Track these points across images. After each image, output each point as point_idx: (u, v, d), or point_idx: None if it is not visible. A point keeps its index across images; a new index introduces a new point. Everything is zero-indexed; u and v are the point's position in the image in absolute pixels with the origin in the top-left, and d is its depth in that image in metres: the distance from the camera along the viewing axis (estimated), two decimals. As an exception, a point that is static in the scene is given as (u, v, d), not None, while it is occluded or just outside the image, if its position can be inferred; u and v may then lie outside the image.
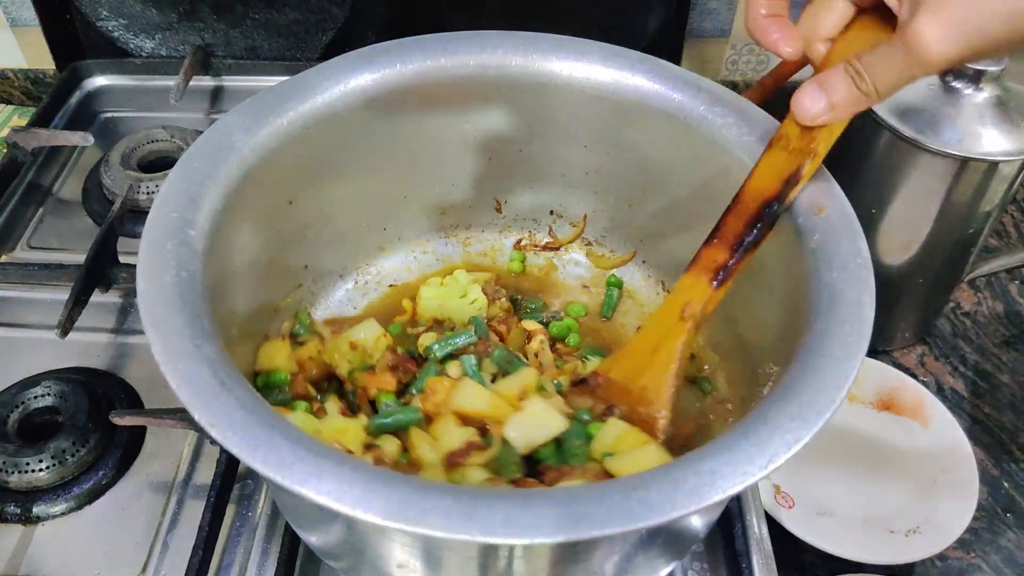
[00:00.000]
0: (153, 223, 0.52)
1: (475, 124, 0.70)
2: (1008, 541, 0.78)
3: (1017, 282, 1.01)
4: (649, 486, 0.41)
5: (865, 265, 0.52)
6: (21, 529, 0.69)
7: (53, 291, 0.85)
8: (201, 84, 1.14)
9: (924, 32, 0.46)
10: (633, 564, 0.54)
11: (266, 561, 0.64)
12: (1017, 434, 0.86)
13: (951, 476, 0.79)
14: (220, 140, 0.58)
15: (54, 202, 0.99)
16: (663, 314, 0.59)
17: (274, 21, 1.11)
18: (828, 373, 0.46)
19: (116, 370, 0.80)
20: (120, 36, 1.13)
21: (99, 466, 0.72)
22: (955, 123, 0.74)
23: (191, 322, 0.47)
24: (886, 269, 0.85)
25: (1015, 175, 0.76)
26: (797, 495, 0.77)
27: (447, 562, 0.51)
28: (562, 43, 0.67)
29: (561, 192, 0.76)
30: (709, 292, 0.57)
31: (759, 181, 0.56)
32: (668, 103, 0.64)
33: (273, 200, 0.63)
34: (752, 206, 0.56)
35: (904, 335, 0.93)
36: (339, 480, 0.40)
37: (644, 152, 0.69)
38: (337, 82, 0.63)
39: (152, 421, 0.71)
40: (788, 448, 0.43)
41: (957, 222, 0.80)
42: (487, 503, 0.40)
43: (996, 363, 0.93)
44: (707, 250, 0.57)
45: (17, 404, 0.74)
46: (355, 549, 0.55)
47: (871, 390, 0.86)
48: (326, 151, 0.65)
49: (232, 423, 0.42)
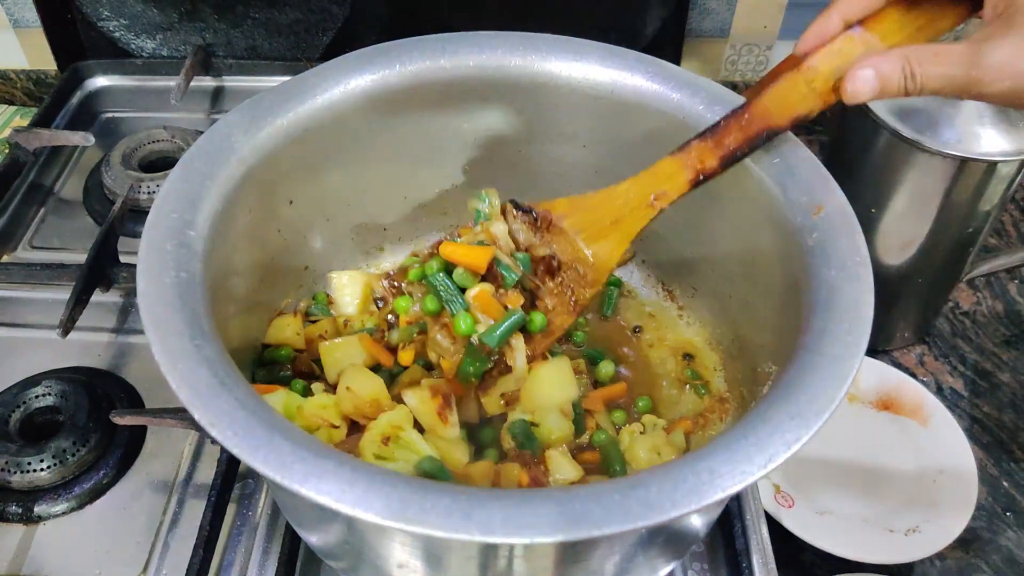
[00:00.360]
0: (153, 223, 0.52)
1: (475, 124, 0.70)
2: (1008, 540, 0.78)
3: (1016, 281, 1.01)
4: (648, 485, 0.41)
5: (864, 264, 0.52)
6: (22, 528, 0.69)
7: (54, 291, 0.85)
8: (202, 84, 1.14)
9: (1006, 55, 0.46)
10: (633, 563, 0.54)
11: (267, 561, 0.64)
12: (1017, 433, 0.86)
13: (951, 476, 0.79)
14: (220, 141, 0.58)
15: (55, 202, 1.00)
16: (635, 190, 0.59)
17: (275, 21, 1.11)
18: (827, 372, 0.46)
19: (117, 370, 0.80)
20: (121, 36, 1.13)
21: (100, 466, 0.72)
22: (954, 123, 0.74)
23: (191, 322, 0.47)
24: (886, 269, 0.85)
25: (1014, 175, 0.76)
26: (797, 495, 0.78)
27: (447, 562, 0.51)
28: (561, 43, 0.67)
29: (561, 192, 0.76)
30: (685, 189, 0.57)
31: (772, 104, 0.56)
32: (667, 103, 0.64)
33: (273, 201, 0.63)
34: (757, 126, 0.56)
35: (904, 335, 0.93)
36: (339, 480, 0.40)
37: (643, 152, 0.69)
38: (337, 82, 0.63)
39: (153, 421, 0.71)
40: (787, 448, 0.43)
41: (956, 222, 0.80)
42: (486, 503, 0.40)
43: (996, 362, 0.93)
44: (700, 145, 0.57)
45: (18, 404, 0.74)
46: (355, 549, 0.55)
47: (871, 390, 0.86)
48: (326, 151, 0.65)
49: (232, 422, 0.42)
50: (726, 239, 0.66)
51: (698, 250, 0.70)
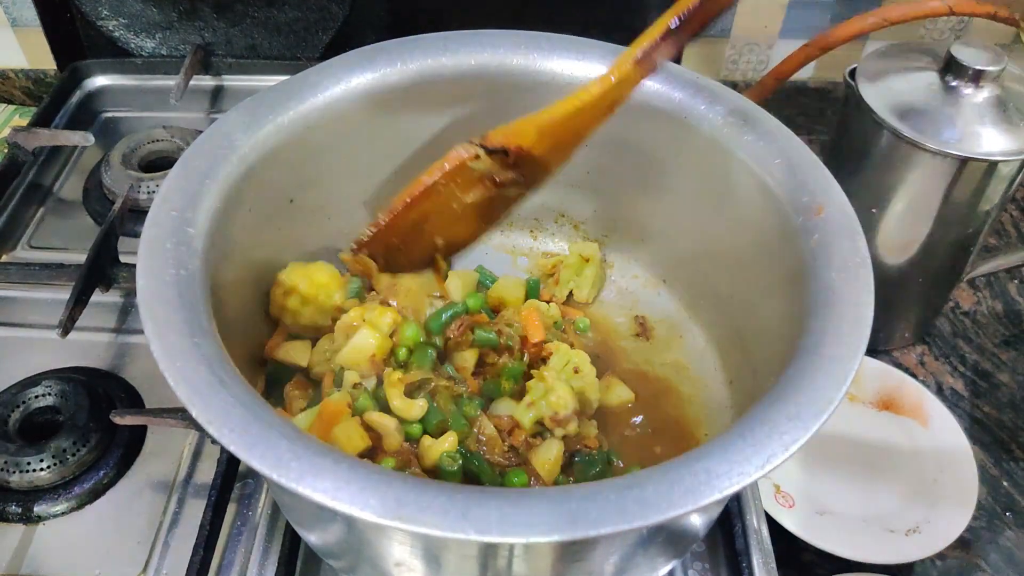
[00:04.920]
0: (153, 222, 0.52)
1: (475, 123, 0.70)
2: (1008, 540, 0.78)
3: (1016, 281, 1.01)
4: (645, 485, 0.41)
5: (864, 265, 0.52)
6: (22, 528, 0.69)
7: (54, 291, 0.85)
8: (201, 84, 1.14)
9: None
10: (633, 563, 0.54)
11: (267, 560, 0.64)
12: (1017, 433, 0.86)
13: (951, 476, 0.79)
14: (220, 139, 0.58)
15: (55, 202, 1.00)
16: (597, 101, 0.58)
17: (274, 20, 1.11)
18: (827, 373, 0.46)
19: (117, 369, 0.80)
20: (120, 36, 1.13)
21: (100, 465, 0.72)
22: (955, 123, 0.74)
23: (190, 320, 0.47)
24: (886, 269, 0.85)
25: (1014, 175, 0.76)
26: (797, 495, 0.78)
27: (445, 561, 0.51)
28: (563, 42, 0.67)
29: (562, 191, 0.76)
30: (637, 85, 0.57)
31: None
32: (669, 102, 0.64)
33: (273, 199, 0.63)
34: None
35: (904, 335, 0.93)
36: (336, 478, 0.40)
37: (644, 151, 0.69)
38: (337, 81, 0.63)
39: (153, 420, 0.71)
40: (786, 448, 0.43)
41: (957, 222, 0.80)
42: (483, 502, 0.40)
43: (996, 362, 0.93)
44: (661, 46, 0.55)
45: (18, 404, 0.74)
46: (354, 548, 0.55)
47: (871, 390, 0.86)
48: (326, 150, 0.65)
49: (230, 420, 0.42)
50: (726, 239, 0.66)
51: (698, 250, 0.70)
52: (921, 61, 0.79)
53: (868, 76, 0.79)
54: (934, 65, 0.78)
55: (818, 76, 1.15)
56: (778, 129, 0.61)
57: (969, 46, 0.76)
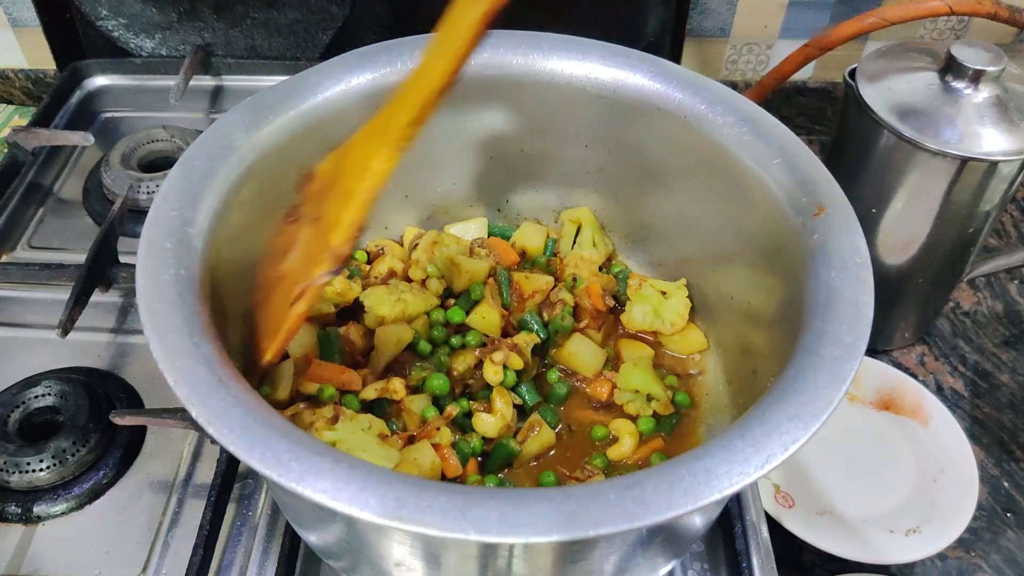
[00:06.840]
0: (153, 221, 0.52)
1: (476, 123, 0.70)
2: (1008, 541, 0.78)
3: (1017, 282, 1.01)
4: (644, 485, 0.41)
5: (864, 265, 0.52)
6: (22, 529, 0.69)
7: (53, 291, 0.85)
8: (201, 84, 1.14)
9: None
10: (632, 563, 0.54)
11: (266, 560, 0.64)
12: (1017, 433, 0.86)
13: (951, 476, 0.79)
14: (220, 139, 0.58)
15: (54, 202, 0.99)
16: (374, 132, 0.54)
17: (274, 20, 1.11)
18: (826, 373, 0.46)
19: (116, 370, 0.80)
20: (120, 36, 1.13)
21: (99, 466, 0.72)
22: (955, 123, 0.74)
23: (189, 320, 0.47)
24: (886, 269, 0.85)
25: (1015, 175, 0.76)
26: (797, 495, 0.78)
27: (445, 561, 0.51)
28: (563, 42, 0.67)
29: (562, 191, 0.76)
30: None
31: None
32: (668, 102, 0.64)
33: (273, 199, 0.63)
34: None
35: (904, 335, 0.93)
36: (335, 478, 0.40)
37: (645, 151, 0.69)
38: (338, 81, 0.63)
39: (152, 421, 0.71)
40: (785, 449, 0.43)
41: (957, 222, 0.80)
42: (482, 502, 0.40)
43: (995, 363, 0.93)
44: None
45: (18, 404, 0.74)
46: (354, 548, 0.55)
47: (871, 390, 0.86)
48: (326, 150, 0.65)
49: (229, 420, 0.42)
50: (726, 239, 0.66)
51: (698, 250, 0.70)
52: (921, 61, 0.79)
53: (868, 76, 0.79)
54: (934, 65, 0.78)
55: (818, 76, 1.15)
56: (778, 129, 0.61)
57: (969, 46, 0.76)
